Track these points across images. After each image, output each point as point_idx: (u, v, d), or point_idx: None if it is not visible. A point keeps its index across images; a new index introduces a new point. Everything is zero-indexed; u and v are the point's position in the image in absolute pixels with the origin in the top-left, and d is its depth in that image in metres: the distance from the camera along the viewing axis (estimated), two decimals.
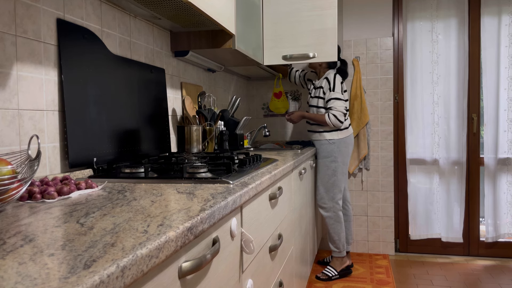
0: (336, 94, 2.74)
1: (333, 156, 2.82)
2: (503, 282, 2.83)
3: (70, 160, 1.30)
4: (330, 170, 2.83)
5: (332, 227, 2.87)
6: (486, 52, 3.26)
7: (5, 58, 1.12)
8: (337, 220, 2.86)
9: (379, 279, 2.89)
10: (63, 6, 1.34)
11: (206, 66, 2.55)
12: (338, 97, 2.73)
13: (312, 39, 2.61)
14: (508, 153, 3.27)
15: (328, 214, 2.87)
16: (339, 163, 2.82)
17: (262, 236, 1.38)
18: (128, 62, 1.70)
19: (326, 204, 2.86)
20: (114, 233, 0.66)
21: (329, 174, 2.83)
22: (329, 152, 2.82)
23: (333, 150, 2.81)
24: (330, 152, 2.82)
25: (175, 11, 1.70)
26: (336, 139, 2.81)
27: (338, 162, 2.82)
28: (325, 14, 2.59)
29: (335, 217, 2.86)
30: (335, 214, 2.86)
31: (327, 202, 2.86)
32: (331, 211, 2.86)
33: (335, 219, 2.86)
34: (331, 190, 2.84)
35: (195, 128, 2.07)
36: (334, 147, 2.81)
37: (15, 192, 0.84)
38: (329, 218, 2.87)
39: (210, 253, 0.81)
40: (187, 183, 1.20)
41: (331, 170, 2.82)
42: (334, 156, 2.82)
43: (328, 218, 2.87)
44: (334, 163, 2.82)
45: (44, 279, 0.47)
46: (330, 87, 2.76)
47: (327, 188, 2.85)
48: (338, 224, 2.86)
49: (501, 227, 3.31)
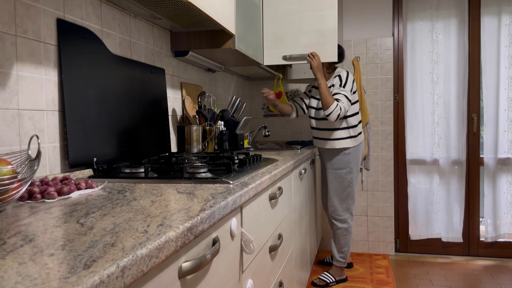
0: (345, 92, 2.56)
1: (349, 167, 2.70)
2: (503, 282, 2.83)
3: (70, 160, 1.30)
4: (346, 182, 2.71)
5: (344, 238, 2.79)
6: (486, 52, 3.26)
7: (5, 58, 1.12)
8: (350, 231, 2.79)
9: (379, 279, 2.89)
10: (63, 6, 1.34)
11: (206, 66, 2.55)
12: (347, 95, 2.56)
13: (312, 39, 2.59)
14: (508, 153, 3.27)
15: (343, 225, 2.77)
16: (354, 173, 2.72)
17: (262, 236, 1.38)
18: (128, 62, 1.70)
19: (341, 216, 2.77)
20: (114, 233, 0.66)
21: (344, 185, 2.72)
22: (345, 163, 2.69)
23: (349, 161, 2.69)
24: (346, 163, 2.69)
25: (175, 11, 1.70)
26: (351, 148, 2.67)
27: (354, 173, 2.71)
28: (325, 14, 2.58)
29: (349, 228, 2.79)
30: (349, 226, 2.78)
31: (341, 213, 2.76)
32: (346, 223, 2.77)
33: (348, 230, 2.79)
34: (346, 201, 2.75)
35: (195, 128, 2.07)
36: (350, 157, 2.68)
37: (15, 192, 0.84)
38: (343, 229, 2.78)
39: (210, 253, 0.81)
40: (187, 183, 1.20)
41: (347, 182, 2.71)
42: (350, 167, 2.70)
43: (343, 229, 2.78)
44: (350, 174, 2.71)
45: (44, 279, 0.47)
46: (342, 83, 2.60)
47: (342, 199, 2.75)
48: (349, 235, 2.80)
49: (501, 227, 3.31)
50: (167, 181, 1.23)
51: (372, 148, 3.44)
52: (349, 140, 2.67)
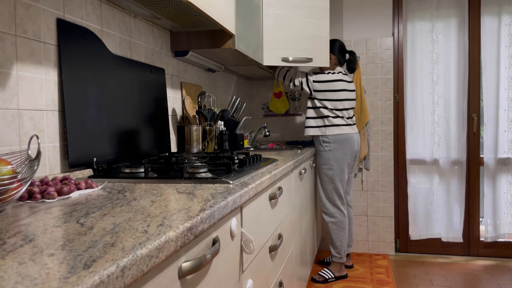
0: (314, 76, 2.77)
1: (329, 163, 2.80)
2: (503, 282, 2.83)
3: (70, 160, 1.30)
4: (327, 177, 2.82)
5: (334, 232, 2.85)
6: (486, 52, 3.26)
7: (5, 58, 1.12)
8: (340, 226, 2.84)
9: (379, 279, 2.89)
10: (63, 6, 1.34)
11: (206, 66, 2.55)
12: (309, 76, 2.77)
13: (308, 44, 2.68)
14: (508, 153, 3.27)
15: (330, 219, 2.85)
16: (335, 170, 2.79)
17: (262, 236, 1.38)
18: (128, 62, 1.70)
19: (328, 209, 2.85)
20: (114, 233, 0.66)
21: (327, 181, 2.82)
22: (325, 159, 2.80)
23: (329, 158, 2.79)
24: (327, 159, 2.80)
25: (175, 11, 1.70)
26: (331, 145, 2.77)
27: (334, 170, 2.79)
28: (319, 23, 2.71)
29: (338, 223, 2.84)
30: (338, 220, 2.83)
31: (329, 207, 2.85)
32: (333, 217, 2.84)
33: (338, 225, 2.84)
34: (331, 197, 2.83)
35: (195, 128, 2.07)
36: (330, 154, 2.78)
37: (15, 192, 0.84)
38: (332, 223, 2.85)
39: (210, 253, 0.81)
40: (187, 183, 1.20)
41: (329, 178, 2.81)
42: (330, 164, 2.79)
43: (331, 224, 2.85)
44: (331, 171, 2.80)
45: (44, 279, 0.47)
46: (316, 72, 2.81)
47: (327, 194, 2.84)
48: (340, 230, 2.84)
49: (501, 227, 3.31)
50: (167, 181, 1.23)
51: (372, 148, 3.44)
52: (317, 129, 2.80)
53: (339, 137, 2.76)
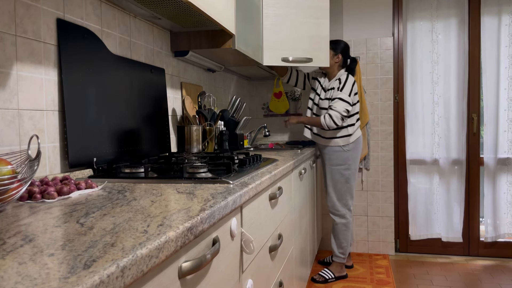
0: (341, 94, 2.67)
1: (347, 164, 2.79)
2: (503, 282, 2.83)
3: (70, 160, 1.30)
4: (343, 178, 2.80)
5: (343, 233, 2.86)
6: (486, 52, 3.26)
7: (5, 58, 1.12)
8: (348, 226, 2.86)
9: (379, 279, 2.89)
10: (63, 6, 1.34)
11: (206, 66, 2.55)
12: (343, 98, 2.66)
13: (308, 44, 2.68)
14: (508, 153, 3.27)
15: (341, 220, 2.85)
16: (352, 170, 2.80)
17: (262, 236, 1.38)
18: (128, 62, 1.70)
19: (339, 211, 2.85)
20: (114, 233, 0.66)
21: (342, 181, 2.81)
22: (344, 160, 2.78)
23: (348, 158, 2.78)
24: (345, 160, 2.78)
25: (175, 11, 1.70)
26: (349, 145, 2.77)
27: (352, 170, 2.80)
28: (319, 23, 2.70)
29: (348, 223, 2.86)
30: (347, 221, 2.85)
31: (340, 209, 2.84)
32: (344, 218, 2.85)
33: (347, 226, 2.85)
34: (344, 197, 2.83)
35: (195, 128, 2.07)
36: (349, 154, 2.78)
37: (15, 192, 0.84)
38: (341, 224, 2.85)
39: (210, 253, 0.81)
40: (187, 183, 1.20)
41: (345, 178, 2.80)
42: (348, 164, 2.79)
43: (341, 225, 2.86)
44: (348, 170, 2.80)
45: (44, 279, 0.47)
46: (340, 87, 2.71)
47: (340, 195, 2.83)
48: (348, 230, 2.87)
49: (501, 227, 3.31)
50: (167, 181, 1.23)
51: (372, 148, 3.44)
52: (346, 138, 2.77)
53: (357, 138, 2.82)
